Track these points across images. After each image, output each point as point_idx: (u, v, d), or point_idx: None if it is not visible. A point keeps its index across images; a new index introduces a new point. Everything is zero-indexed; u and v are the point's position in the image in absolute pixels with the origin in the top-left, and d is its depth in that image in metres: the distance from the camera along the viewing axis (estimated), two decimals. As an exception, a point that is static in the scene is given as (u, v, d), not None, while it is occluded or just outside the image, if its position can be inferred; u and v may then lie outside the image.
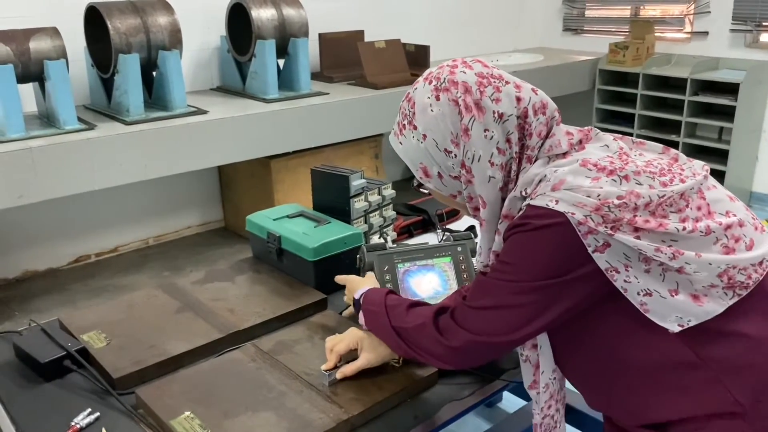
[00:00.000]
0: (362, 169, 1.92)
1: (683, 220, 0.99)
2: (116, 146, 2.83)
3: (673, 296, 0.98)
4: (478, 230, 1.16)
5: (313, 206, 1.94)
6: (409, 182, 1.41)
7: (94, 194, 2.96)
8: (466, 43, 4.92)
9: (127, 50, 3.00)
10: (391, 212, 1.96)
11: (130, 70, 3.00)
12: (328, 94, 3.61)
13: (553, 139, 1.07)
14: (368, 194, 1.87)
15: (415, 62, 4.00)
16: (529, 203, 1.01)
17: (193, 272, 1.93)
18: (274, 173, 3.53)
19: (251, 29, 3.42)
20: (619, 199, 0.95)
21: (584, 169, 1.00)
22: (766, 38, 4.30)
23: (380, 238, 1.92)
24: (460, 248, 1.56)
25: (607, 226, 0.95)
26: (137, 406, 1.24)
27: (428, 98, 1.09)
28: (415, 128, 1.11)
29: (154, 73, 3.23)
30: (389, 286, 1.48)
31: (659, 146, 1.13)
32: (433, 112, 1.08)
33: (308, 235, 1.70)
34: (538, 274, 1.00)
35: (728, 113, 4.13)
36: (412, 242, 1.97)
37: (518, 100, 1.07)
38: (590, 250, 0.96)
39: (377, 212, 1.92)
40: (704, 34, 4.54)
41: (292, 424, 1.16)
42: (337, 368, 1.28)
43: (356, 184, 1.84)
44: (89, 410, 1.22)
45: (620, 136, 1.14)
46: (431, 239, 1.98)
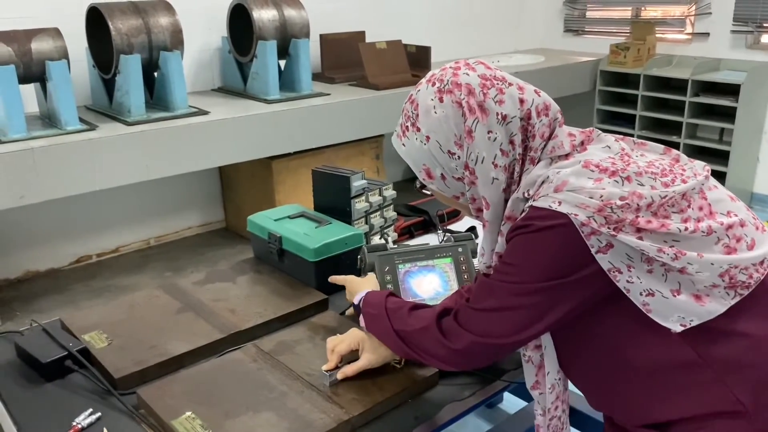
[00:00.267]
0: (363, 169, 1.92)
1: (685, 220, 0.99)
2: (117, 147, 2.83)
3: (675, 296, 0.98)
4: (479, 231, 1.16)
5: (314, 207, 1.94)
6: (410, 183, 1.41)
7: (95, 195, 2.96)
8: (466, 43, 4.93)
9: (128, 51, 3.00)
10: (391, 213, 1.96)
11: (131, 70, 3.00)
12: (329, 94, 3.61)
13: (555, 140, 1.07)
14: (369, 195, 1.87)
15: (416, 63, 4.00)
16: (532, 204, 1.01)
17: (194, 273, 1.93)
18: (275, 174, 3.53)
19: (252, 30, 3.42)
20: (621, 200, 0.95)
21: (587, 170, 1.00)
22: (767, 39, 4.30)
23: (381, 238, 1.92)
24: (460, 249, 1.56)
25: (609, 227, 0.95)
26: (138, 406, 1.24)
27: (431, 100, 1.09)
28: (418, 130, 1.11)
29: (155, 73, 3.24)
30: (390, 286, 1.48)
31: (660, 147, 1.13)
32: (436, 114, 1.08)
33: (309, 235, 1.70)
34: (541, 275, 1.00)
35: (729, 114, 4.13)
36: (412, 243, 1.97)
37: (521, 101, 1.07)
38: (593, 250, 0.96)
39: (378, 213, 1.92)
40: (705, 35, 4.54)
41: (293, 424, 1.16)
42: (338, 369, 1.28)
43: (357, 184, 1.84)
44: (90, 410, 1.22)
45: (622, 137, 1.14)
46: (432, 240, 1.99)
